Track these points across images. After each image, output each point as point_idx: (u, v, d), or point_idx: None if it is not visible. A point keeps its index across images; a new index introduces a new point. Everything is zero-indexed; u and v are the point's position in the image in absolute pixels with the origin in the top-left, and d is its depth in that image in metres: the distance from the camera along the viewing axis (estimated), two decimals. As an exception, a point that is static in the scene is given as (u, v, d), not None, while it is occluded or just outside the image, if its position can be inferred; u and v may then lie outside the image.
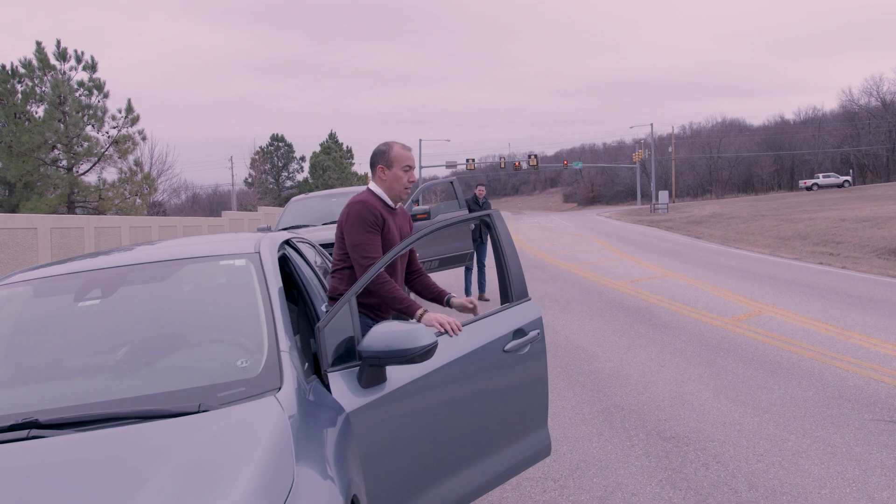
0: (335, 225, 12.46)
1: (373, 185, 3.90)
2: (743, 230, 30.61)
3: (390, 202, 3.88)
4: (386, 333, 2.73)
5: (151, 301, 3.03)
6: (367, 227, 3.68)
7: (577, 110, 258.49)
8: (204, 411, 2.25)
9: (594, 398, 6.18)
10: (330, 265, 5.06)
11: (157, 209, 65.17)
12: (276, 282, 2.97)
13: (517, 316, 3.58)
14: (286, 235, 3.94)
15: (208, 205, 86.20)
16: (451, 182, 13.49)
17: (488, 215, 3.83)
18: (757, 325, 9.18)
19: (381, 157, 3.85)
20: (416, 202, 13.25)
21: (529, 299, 3.74)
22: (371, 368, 2.76)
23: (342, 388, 2.73)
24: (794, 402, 5.80)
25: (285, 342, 2.64)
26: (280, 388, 2.40)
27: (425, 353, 2.73)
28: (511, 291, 3.67)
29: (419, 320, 3.45)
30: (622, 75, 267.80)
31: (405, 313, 3.62)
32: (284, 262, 3.73)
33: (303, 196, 13.38)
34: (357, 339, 2.84)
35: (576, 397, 6.24)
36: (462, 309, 3.73)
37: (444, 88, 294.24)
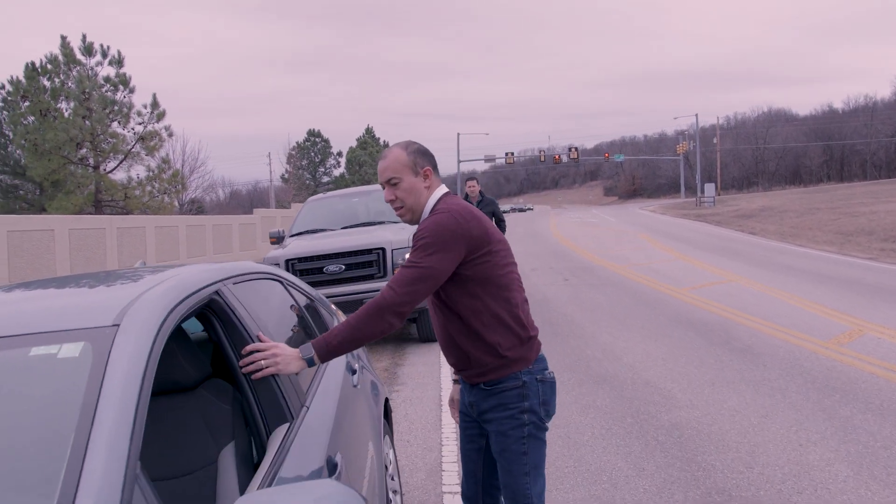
0: (356, 229, 11.02)
1: None
2: (798, 225, 28.65)
3: None
4: None
5: None
6: None
7: (614, 101, 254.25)
8: None
9: (685, 474, 4.55)
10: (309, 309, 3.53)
11: (193, 207, 64.66)
12: (126, 396, 1.43)
13: None
14: (222, 273, 2.41)
15: (248, 201, 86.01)
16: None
17: (218, 291, 2.34)
18: (865, 351, 7.45)
19: None
20: None
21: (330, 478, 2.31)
22: None
23: None
24: (974, 487, 4.12)
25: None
26: None
27: None
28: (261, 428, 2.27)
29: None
30: (659, 65, 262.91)
31: None
32: (208, 325, 2.21)
33: (321, 196, 11.88)
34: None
35: (659, 471, 4.61)
36: None
37: (479, 81, 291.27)
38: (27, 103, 30.72)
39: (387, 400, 3.95)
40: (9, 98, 31.45)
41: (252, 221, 35.95)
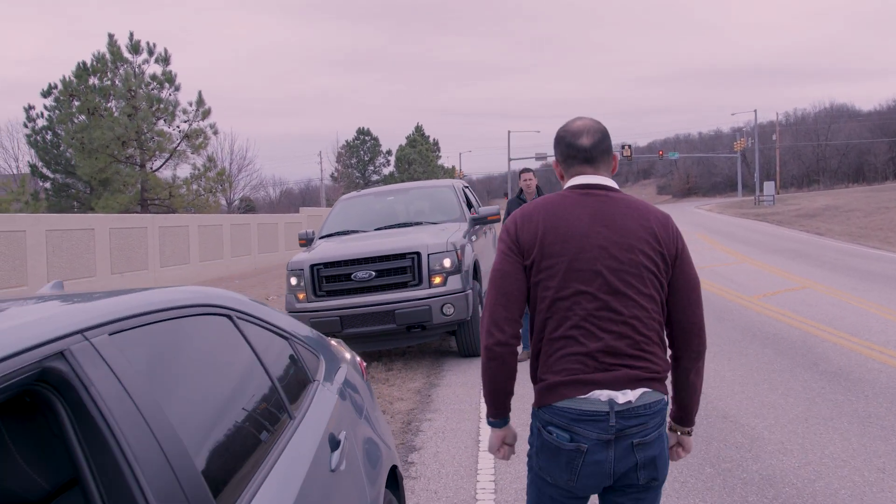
0: (391, 231, 10.07)
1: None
2: (867, 225, 26.98)
3: None
4: None
5: None
6: None
7: (669, 98, 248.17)
8: None
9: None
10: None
11: (243, 205, 64.80)
12: None
13: None
14: (82, 320, 1.48)
15: (301, 199, 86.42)
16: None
17: (65, 353, 1.41)
18: None
19: None
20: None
21: None
22: None
23: None
24: None
25: None
26: None
27: None
28: None
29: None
30: (716, 59, 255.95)
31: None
32: (47, 408, 1.29)
33: (354, 194, 10.94)
34: None
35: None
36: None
37: (530, 79, 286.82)
38: (77, 102, 30.62)
39: (395, 468, 2.98)
40: (61, 98, 31.40)
41: (298, 220, 35.44)
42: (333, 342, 3.27)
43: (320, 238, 9.54)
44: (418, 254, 8.03)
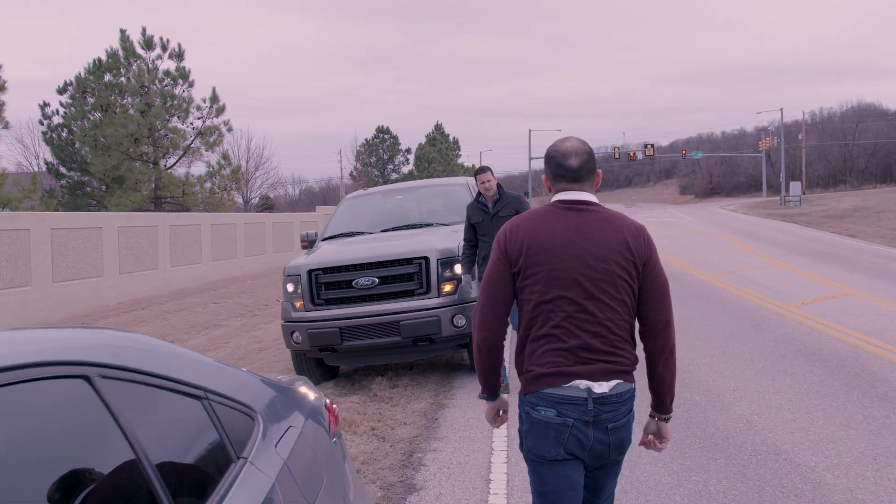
0: (399, 233, 9.27)
1: None
2: (901, 227, 25.93)
3: None
4: None
5: None
6: None
7: (691, 97, 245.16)
8: None
9: None
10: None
11: (263, 203, 64.42)
12: None
13: None
14: None
15: (321, 198, 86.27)
16: None
17: None
18: None
19: None
20: None
21: None
22: None
23: None
24: None
25: None
26: None
27: None
28: None
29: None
30: (739, 58, 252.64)
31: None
32: None
33: (360, 192, 10.14)
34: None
35: None
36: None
37: (549, 77, 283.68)
38: (91, 99, 30.18)
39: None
40: (76, 95, 30.97)
41: (314, 219, 34.83)
42: (300, 386, 2.52)
43: (323, 240, 8.80)
44: (426, 258, 7.26)
